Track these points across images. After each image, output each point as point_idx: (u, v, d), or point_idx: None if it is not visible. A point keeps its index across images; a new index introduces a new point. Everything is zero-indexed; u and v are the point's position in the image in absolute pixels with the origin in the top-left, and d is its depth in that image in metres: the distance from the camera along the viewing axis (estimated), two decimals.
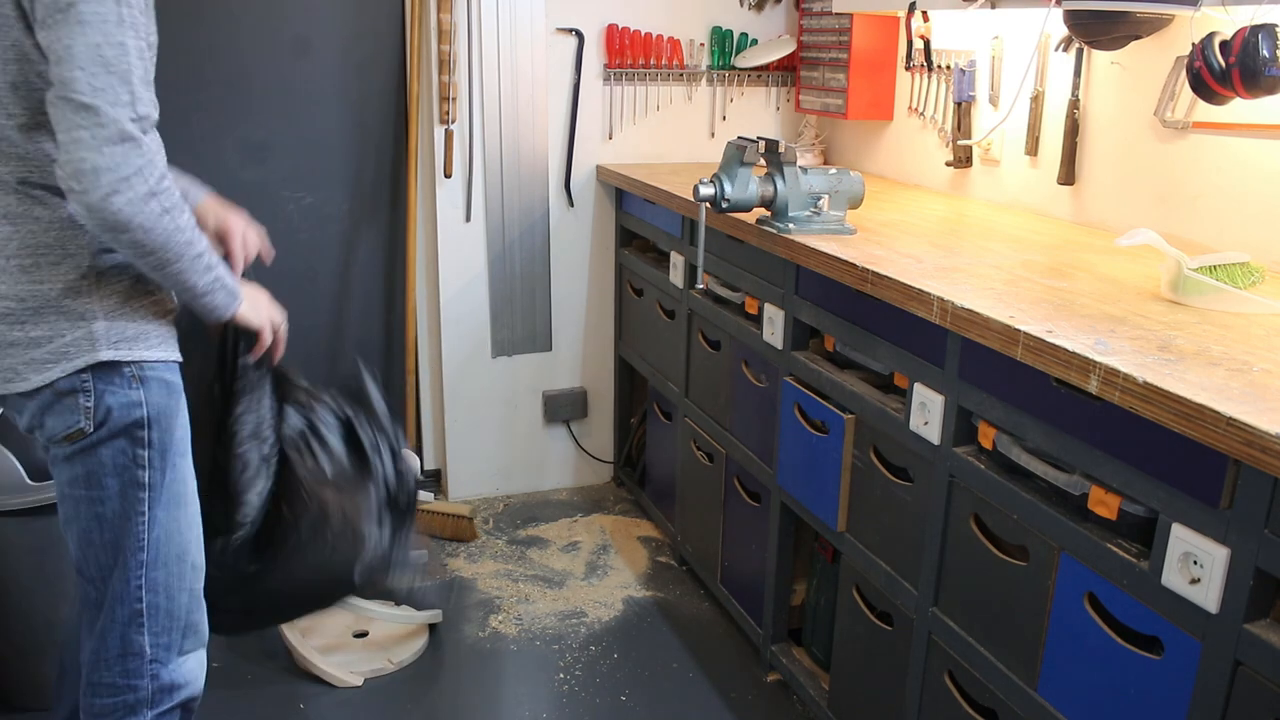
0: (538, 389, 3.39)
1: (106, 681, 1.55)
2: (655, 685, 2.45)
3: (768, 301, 2.31)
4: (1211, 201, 2.06)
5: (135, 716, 1.56)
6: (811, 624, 2.40)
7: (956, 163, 2.71)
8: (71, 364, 1.41)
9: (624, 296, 3.31)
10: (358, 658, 2.48)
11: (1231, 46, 1.76)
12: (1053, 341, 1.44)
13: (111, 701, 1.55)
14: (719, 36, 3.25)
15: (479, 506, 3.34)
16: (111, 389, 1.44)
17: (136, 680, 1.55)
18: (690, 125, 3.32)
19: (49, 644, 2.25)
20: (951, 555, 1.76)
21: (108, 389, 1.43)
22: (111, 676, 1.55)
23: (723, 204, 2.17)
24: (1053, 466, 1.55)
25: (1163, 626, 1.35)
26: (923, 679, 1.87)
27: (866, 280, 1.86)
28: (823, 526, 2.16)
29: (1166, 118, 2.10)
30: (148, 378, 1.47)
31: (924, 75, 2.84)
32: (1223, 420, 1.19)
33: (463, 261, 3.19)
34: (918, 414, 1.81)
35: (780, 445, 2.29)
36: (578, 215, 3.29)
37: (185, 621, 1.58)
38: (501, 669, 2.50)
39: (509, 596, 2.81)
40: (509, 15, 3.02)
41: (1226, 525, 1.26)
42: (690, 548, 2.89)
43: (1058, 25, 2.23)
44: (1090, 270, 1.90)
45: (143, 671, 1.55)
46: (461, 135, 3.08)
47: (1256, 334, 1.52)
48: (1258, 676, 1.23)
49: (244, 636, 2.52)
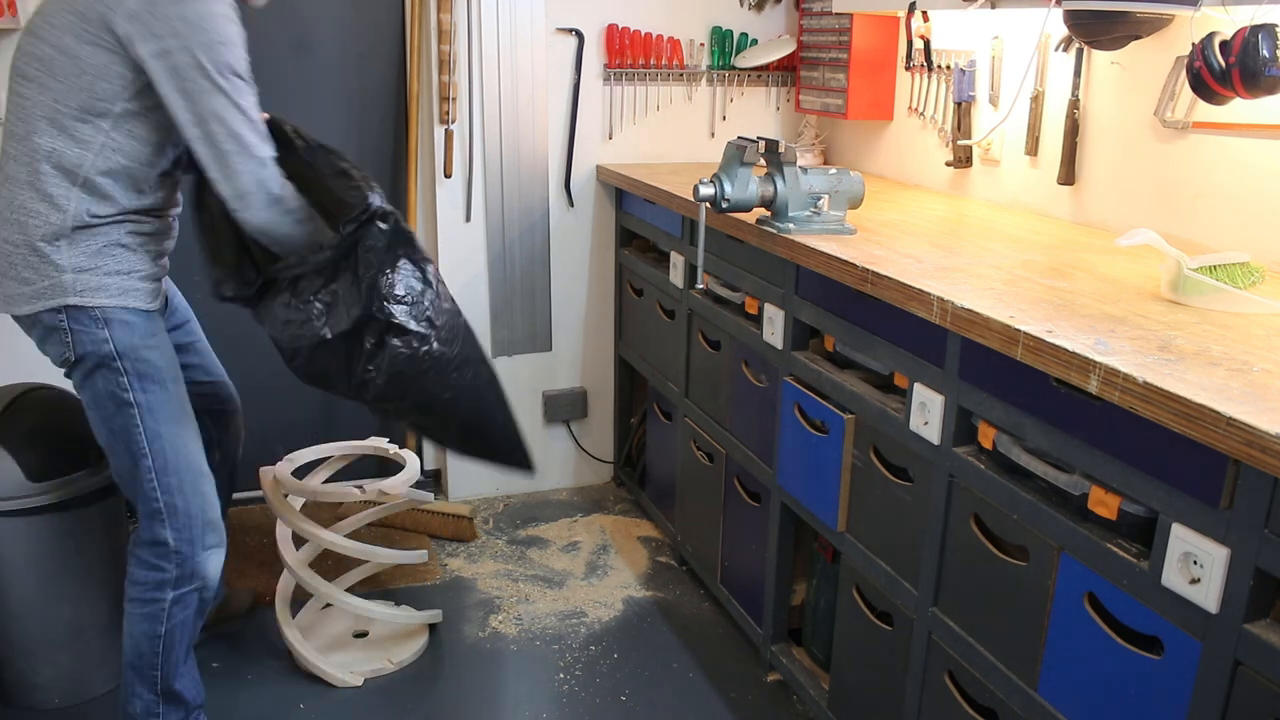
0: (538, 389, 3.40)
1: (143, 559, 1.98)
2: (655, 685, 2.45)
3: (768, 301, 2.31)
4: (1211, 201, 2.06)
5: (160, 592, 1.98)
6: (811, 624, 2.40)
7: (956, 163, 2.71)
8: (48, 302, 1.82)
9: (624, 296, 3.31)
10: (358, 658, 2.48)
11: (1231, 46, 1.76)
12: (1053, 341, 1.44)
13: (145, 576, 1.98)
14: (719, 36, 3.25)
15: (479, 506, 3.34)
16: (82, 328, 1.84)
17: (164, 564, 1.97)
18: (690, 125, 3.32)
19: (49, 644, 2.25)
20: (951, 555, 1.76)
21: (80, 329, 1.84)
22: (145, 558, 1.97)
23: (723, 204, 2.17)
24: (1053, 466, 1.55)
25: (1163, 626, 1.35)
26: (923, 679, 1.87)
27: (866, 280, 1.86)
28: (823, 526, 2.16)
29: (1166, 118, 2.10)
30: (111, 319, 1.85)
31: (924, 75, 2.84)
32: (1223, 420, 1.19)
33: (463, 261, 3.19)
34: (918, 414, 1.81)
35: (780, 445, 2.29)
36: (578, 215, 3.29)
37: (203, 520, 1.98)
38: (501, 669, 2.50)
39: (509, 596, 2.81)
40: (509, 15, 3.02)
41: (1226, 525, 1.26)
42: (690, 548, 2.89)
43: (1058, 25, 2.23)
44: (1090, 270, 1.90)
45: (168, 558, 1.96)
46: (461, 135, 3.08)
47: (1256, 334, 1.52)
48: (1258, 676, 1.23)
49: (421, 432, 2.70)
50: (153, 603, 1.98)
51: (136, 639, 2.00)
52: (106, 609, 2.31)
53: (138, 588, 1.99)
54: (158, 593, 1.98)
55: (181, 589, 1.99)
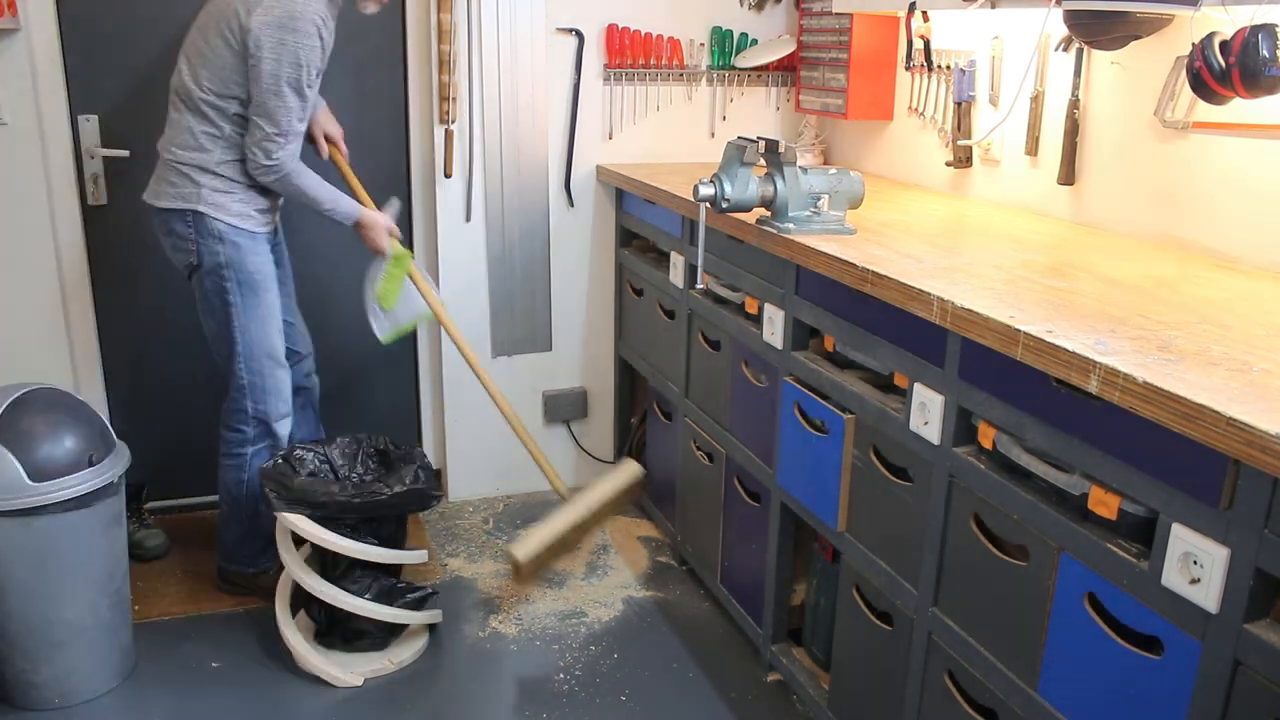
0: (538, 389, 3.39)
1: (229, 424, 2.58)
2: (655, 685, 2.45)
3: (768, 301, 2.31)
4: (1211, 201, 2.06)
5: (243, 449, 2.58)
6: (811, 624, 2.40)
7: (956, 163, 2.71)
8: (186, 204, 2.41)
9: (624, 296, 3.31)
10: (358, 658, 2.48)
11: (1231, 46, 1.76)
12: (1053, 341, 1.44)
13: (231, 436, 2.59)
14: (719, 36, 3.25)
15: (479, 506, 3.34)
16: (203, 241, 2.43)
17: (244, 427, 2.57)
18: (690, 125, 3.32)
19: (49, 644, 2.25)
20: (951, 555, 1.76)
21: (201, 241, 2.43)
22: (231, 423, 2.58)
23: (723, 204, 2.17)
24: (1053, 466, 1.55)
25: (1163, 626, 1.35)
26: (923, 679, 1.87)
27: (866, 280, 1.86)
28: (823, 526, 2.16)
29: (1166, 118, 2.10)
30: (225, 237, 2.43)
31: (924, 75, 2.84)
32: (1223, 420, 1.19)
33: (463, 261, 3.19)
34: (918, 414, 1.81)
35: (780, 445, 2.29)
36: (578, 215, 3.29)
37: (276, 396, 2.57)
38: (501, 669, 2.50)
39: (509, 596, 2.81)
40: (509, 15, 3.02)
41: (1226, 525, 1.26)
42: (690, 548, 2.89)
43: (1058, 25, 2.23)
44: (1090, 270, 1.90)
45: (248, 422, 2.56)
46: (461, 135, 3.08)
47: (1257, 334, 1.52)
48: (1258, 676, 1.23)
49: None
50: (237, 457, 2.58)
51: (228, 485, 2.61)
52: (107, 609, 2.31)
53: (226, 445, 2.59)
54: (240, 449, 2.57)
55: (258, 446, 2.58)
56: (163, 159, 2.44)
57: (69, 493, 2.16)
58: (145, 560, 2.89)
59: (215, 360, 2.58)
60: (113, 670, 2.37)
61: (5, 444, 2.13)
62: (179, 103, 2.40)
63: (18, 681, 2.27)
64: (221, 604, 2.72)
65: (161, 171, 2.45)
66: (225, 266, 2.44)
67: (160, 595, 2.76)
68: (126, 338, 3.06)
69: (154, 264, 3.00)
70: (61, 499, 2.16)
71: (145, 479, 3.04)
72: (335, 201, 2.53)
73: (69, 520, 2.19)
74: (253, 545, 2.68)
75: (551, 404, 3.40)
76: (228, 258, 2.44)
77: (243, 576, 2.71)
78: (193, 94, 2.36)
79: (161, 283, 3.01)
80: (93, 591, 2.27)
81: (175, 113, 2.42)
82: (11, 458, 2.12)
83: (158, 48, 2.86)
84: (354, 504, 2.34)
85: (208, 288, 2.46)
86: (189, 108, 2.39)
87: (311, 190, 2.47)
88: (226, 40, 2.31)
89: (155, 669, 2.46)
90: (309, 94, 2.38)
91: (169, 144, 2.43)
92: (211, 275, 2.45)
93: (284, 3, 2.27)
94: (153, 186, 2.47)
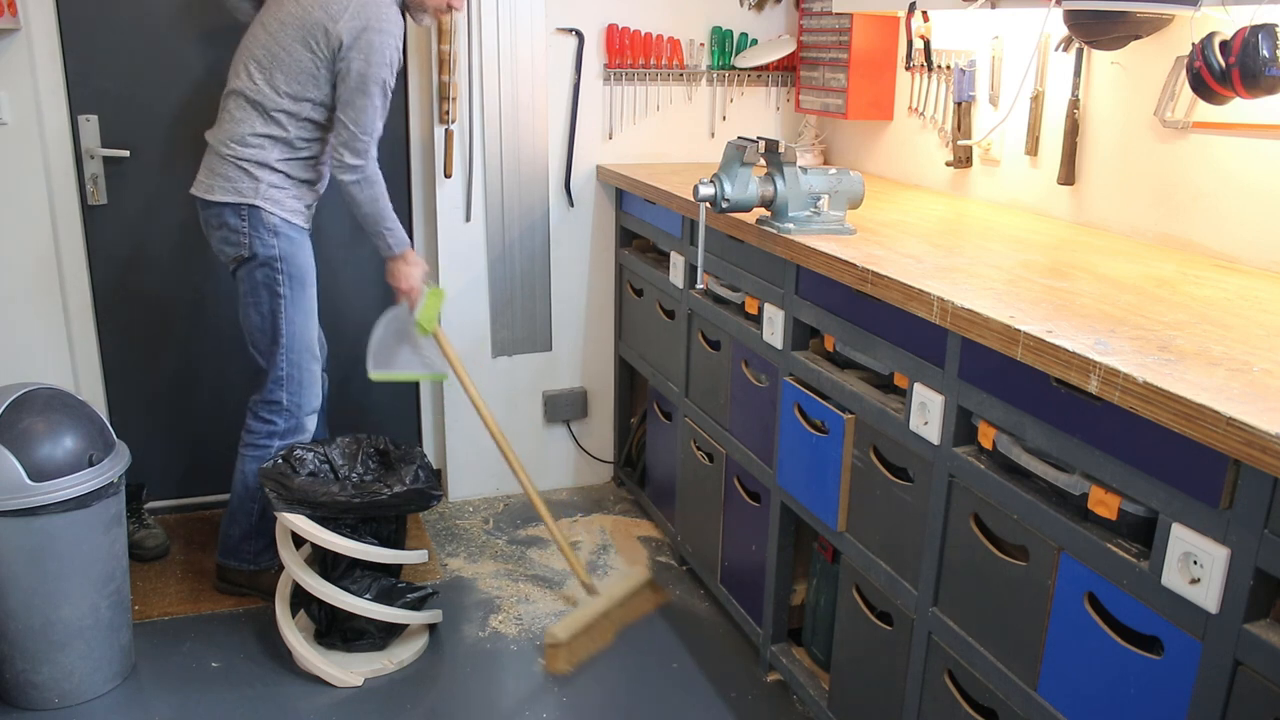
0: (538, 389, 3.39)
1: (259, 414, 2.60)
2: (655, 685, 2.45)
3: (768, 301, 2.31)
4: (1211, 201, 2.06)
5: (269, 440, 2.60)
6: (811, 624, 2.40)
7: (956, 163, 2.71)
8: (242, 198, 2.45)
9: (624, 296, 3.31)
10: (358, 658, 2.48)
11: (1231, 46, 1.76)
12: (1053, 341, 1.44)
13: (259, 428, 2.60)
14: (719, 36, 3.25)
15: (479, 506, 3.34)
16: (257, 234, 2.47)
17: (276, 419, 2.59)
18: (690, 125, 3.32)
19: (49, 644, 2.25)
20: (951, 555, 1.76)
21: (255, 235, 2.46)
22: (262, 414, 2.60)
23: (723, 204, 2.17)
24: (1053, 466, 1.55)
25: (1163, 626, 1.35)
26: (923, 679, 1.87)
27: (866, 280, 1.86)
28: (823, 526, 2.16)
29: (1166, 118, 2.10)
30: (280, 231, 2.48)
31: (924, 75, 2.84)
32: (1223, 420, 1.19)
33: (463, 261, 3.19)
34: (918, 414, 1.81)
35: (780, 445, 2.29)
36: (578, 215, 3.29)
37: (310, 390, 2.62)
38: (501, 669, 2.50)
39: (509, 596, 2.81)
40: (509, 15, 3.02)
41: (1226, 525, 1.26)
42: (690, 547, 2.89)
43: (1058, 25, 2.23)
44: (1090, 270, 1.90)
45: (280, 414, 2.59)
46: (461, 135, 3.08)
47: (1257, 334, 1.52)
48: (1258, 676, 1.23)
49: None
50: (263, 448, 2.59)
51: (246, 476, 2.61)
52: (107, 609, 2.31)
53: (252, 435, 2.61)
54: (267, 440, 2.60)
55: (286, 439, 2.60)
56: (218, 154, 2.47)
57: (69, 493, 2.16)
58: (145, 560, 2.89)
59: (251, 352, 2.60)
60: (113, 670, 2.37)
61: (5, 444, 2.13)
62: (244, 104, 2.44)
63: (18, 682, 2.27)
64: (221, 604, 2.72)
65: (216, 166, 2.47)
66: (279, 260, 2.48)
67: (160, 595, 2.76)
68: (126, 338, 3.06)
69: (154, 263, 3.01)
70: (61, 499, 2.16)
71: (145, 479, 3.04)
72: (396, 222, 2.56)
73: (69, 520, 2.19)
74: (259, 541, 2.67)
75: (551, 404, 3.40)
76: (282, 251, 2.48)
77: (243, 574, 2.71)
78: (265, 97, 2.42)
79: (162, 282, 3.01)
80: (92, 591, 2.27)
81: (239, 112, 2.45)
82: (11, 458, 2.12)
83: (158, 48, 2.86)
84: (354, 504, 2.34)
85: (259, 280, 2.50)
86: (256, 110, 2.43)
87: (382, 200, 2.51)
88: (310, 47, 2.39)
89: (155, 669, 2.46)
90: (389, 97, 2.47)
91: (226, 139, 2.46)
92: (264, 268, 2.49)
93: (369, 8, 2.38)
94: (204, 181, 2.49)
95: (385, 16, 2.40)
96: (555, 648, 2.48)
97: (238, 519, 2.66)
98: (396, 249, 2.58)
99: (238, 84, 2.46)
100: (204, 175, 2.50)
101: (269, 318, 2.53)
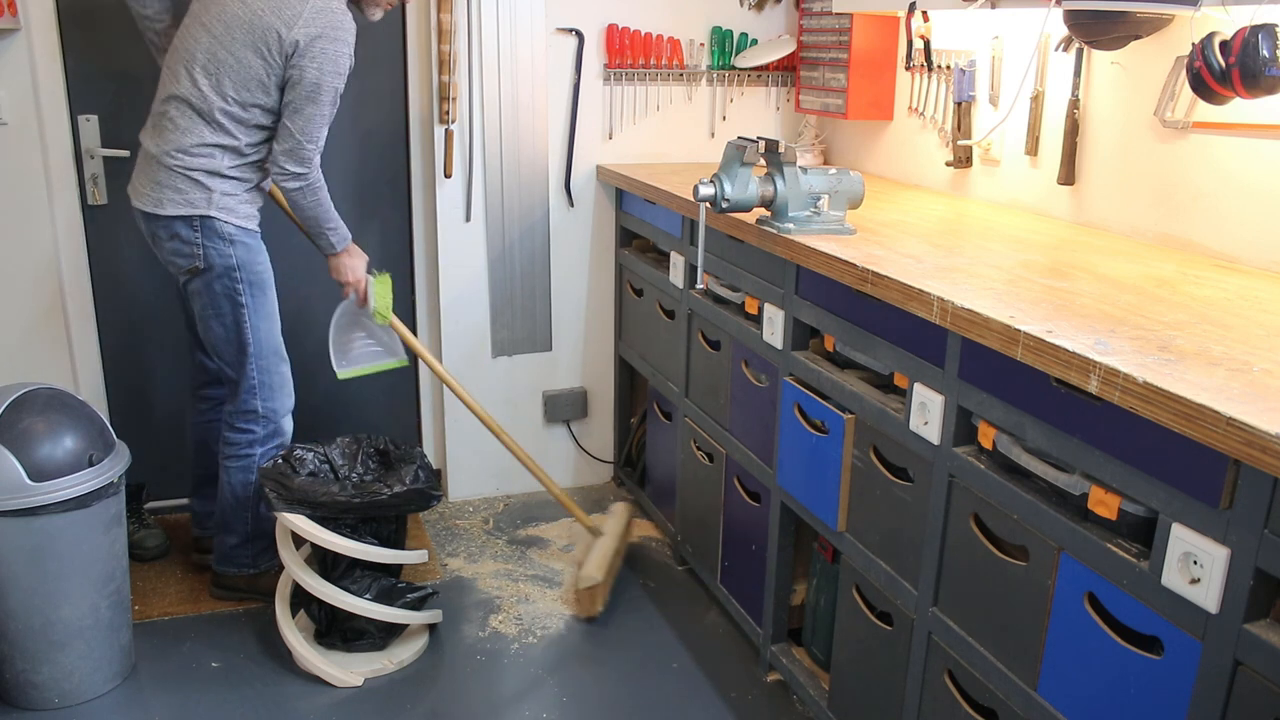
0: (538, 389, 3.39)
1: (237, 425, 2.56)
2: (655, 685, 2.45)
3: (768, 301, 2.31)
4: (1211, 201, 2.06)
5: (250, 449, 2.56)
6: (811, 624, 2.40)
7: (956, 163, 2.71)
8: (195, 210, 2.39)
9: (624, 296, 3.31)
10: (358, 658, 2.48)
11: (1231, 46, 1.76)
12: (1053, 341, 1.44)
13: (238, 439, 2.56)
14: (719, 36, 3.25)
15: (479, 506, 3.34)
16: (212, 244, 2.41)
17: (254, 426, 2.56)
18: (690, 125, 3.32)
19: (49, 644, 2.25)
20: (951, 555, 1.76)
21: (210, 245, 2.41)
22: (239, 425, 2.56)
23: (723, 204, 2.17)
24: (1053, 466, 1.55)
25: (1163, 626, 1.35)
26: (923, 679, 1.87)
27: (866, 280, 1.86)
28: (823, 526, 2.16)
29: (1166, 118, 2.10)
30: (235, 239, 2.43)
31: (924, 75, 2.84)
32: (1223, 420, 1.19)
33: (463, 261, 3.19)
34: (918, 414, 1.81)
35: (780, 445, 2.29)
36: (578, 215, 3.29)
37: (283, 391, 2.58)
38: (501, 669, 2.50)
39: (509, 596, 2.81)
40: (509, 15, 3.02)
41: (1226, 525, 1.26)
42: (690, 548, 2.89)
43: (1058, 25, 2.23)
44: (1090, 270, 1.90)
45: (257, 421, 2.56)
46: (461, 135, 3.08)
47: (1256, 334, 1.52)
48: (1258, 676, 1.23)
49: None
50: (245, 458, 2.57)
51: (234, 487, 2.59)
52: (107, 609, 2.31)
53: (232, 447, 2.57)
54: (249, 449, 2.56)
55: (267, 445, 2.58)
56: (162, 165, 2.38)
57: (69, 493, 2.16)
58: (145, 560, 2.89)
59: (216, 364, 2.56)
60: (113, 670, 2.37)
61: (5, 444, 2.13)
62: (188, 111, 2.36)
63: (18, 682, 2.27)
64: (221, 604, 2.72)
65: (163, 178, 2.38)
66: (238, 269, 2.44)
67: (160, 595, 2.76)
68: (126, 338, 3.06)
69: (154, 264, 3.00)
70: (61, 499, 2.16)
71: (145, 479, 3.04)
72: (339, 222, 2.54)
73: (69, 520, 2.19)
74: (255, 546, 2.66)
75: (551, 404, 3.40)
76: (239, 259, 2.44)
77: (242, 579, 2.70)
78: (211, 104, 2.35)
79: (161, 282, 3.01)
80: (92, 591, 2.27)
81: (183, 120, 2.37)
82: (11, 458, 2.12)
83: None
84: (354, 504, 2.34)
85: (218, 291, 2.45)
86: (203, 118, 2.36)
87: (325, 204, 2.49)
88: (261, 53, 2.32)
89: (155, 669, 2.46)
90: (338, 105, 2.43)
91: (172, 149, 2.37)
92: (223, 279, 2.44)
93: (324, 15, 2.33)
94: (149, 194, 2.40)
95: (340, 24, 2.35)
96: (593, 589, 2.65)
97: (233, 528, 2.63)
98: (339, 245, 2.55)
99: (178, 89, 2.37)
100: (147, 187, 2.41)
101: (233, 329, 2.48)
